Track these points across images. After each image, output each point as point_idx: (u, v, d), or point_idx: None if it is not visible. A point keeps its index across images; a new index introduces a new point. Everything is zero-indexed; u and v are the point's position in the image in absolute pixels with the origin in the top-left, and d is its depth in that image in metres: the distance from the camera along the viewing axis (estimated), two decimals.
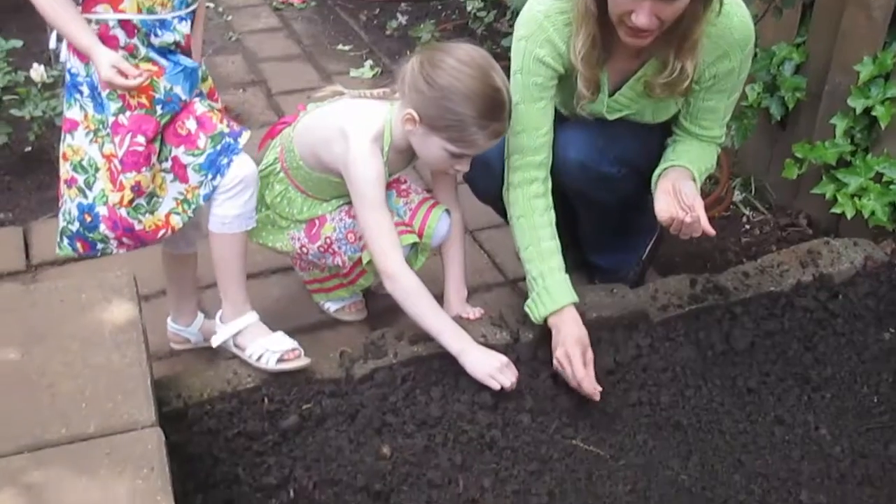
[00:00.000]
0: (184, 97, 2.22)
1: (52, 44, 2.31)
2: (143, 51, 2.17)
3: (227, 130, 2.28)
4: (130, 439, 1.75)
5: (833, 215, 3.08)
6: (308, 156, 2.49)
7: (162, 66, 2.19)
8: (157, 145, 2.22)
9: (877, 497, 2.15)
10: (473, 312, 2.54)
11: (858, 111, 2.94)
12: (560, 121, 2.48)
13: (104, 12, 2.11)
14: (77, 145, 2.25)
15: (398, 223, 2.54)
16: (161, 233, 2.30)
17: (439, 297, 2.58)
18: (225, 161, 2.26)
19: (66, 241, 2.33)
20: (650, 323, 2.56)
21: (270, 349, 2.33)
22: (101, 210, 2.26)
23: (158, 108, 2.19)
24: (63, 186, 2.30)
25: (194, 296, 2.67)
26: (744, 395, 2.41)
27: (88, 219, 2.27)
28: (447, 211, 2.61)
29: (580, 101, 2.43)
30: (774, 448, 2.27)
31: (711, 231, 2.28)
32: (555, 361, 2.32)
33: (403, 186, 2.67)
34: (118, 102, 2.17)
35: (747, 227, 3.37)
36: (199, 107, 2.27)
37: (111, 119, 2.18)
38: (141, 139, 2.17)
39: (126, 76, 2.10)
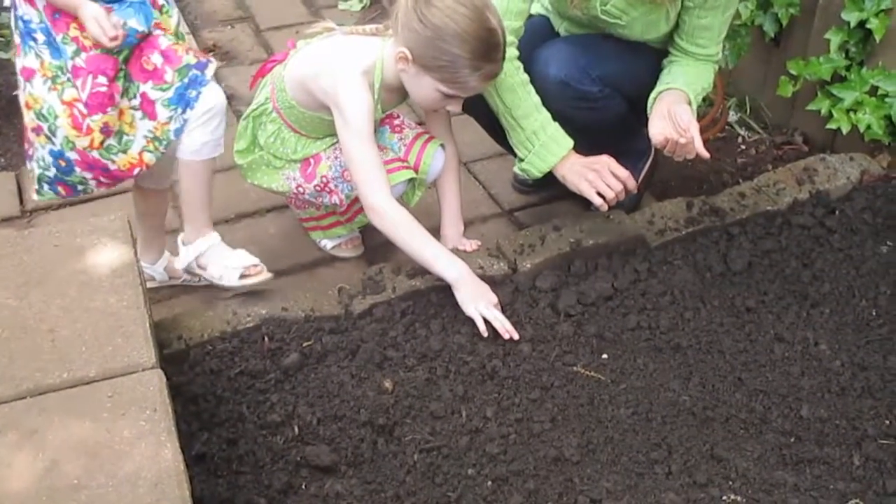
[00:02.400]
0: (140, 29, 2.19)
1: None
2: None
3: (193, 62, 2.27)
4: (132, 382, 1.76)
5: (829, 131, 3.06)
6: (299, 93, 2.46)
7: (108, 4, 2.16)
8: (120, 83, 2.21)
9: (877, 408, 2.17)
10: (470, 244, 2.54)
11: (853, 24, 2.90)
12: (544, 37, 2.47)
13: None
14: (37, 94, 2.23)
15: (393, 159, 2.53)
16: (136, 171, 2.32)
17: (435, 231, 2.58)
18: (193, 94, 2.25)
19: (45, 186, 2.34)
20: (648, 247, 2.56)
21: (231, 266, 2.35)
22: (72, 155, 2.27)
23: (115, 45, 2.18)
24: (31, 134, 2.29)
25: (162, 233, 2.66)
26: (743, 314, 2.41)
27: (63, 164, 2.28)
28: (442, 145, 2.59)
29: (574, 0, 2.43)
30: (774, 365, 2.28)
31: (706, 153, 2.28)
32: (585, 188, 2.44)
33: (397, 122, 2.65)
34: (73, 45, 2.15)
35: (743, 147, 3.35)
36: (164, 40, 2.25)
37: (69, 63, 2.17)
38: (102, 79, 2.17)
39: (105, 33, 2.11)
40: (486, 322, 2.28)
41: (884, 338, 2.35)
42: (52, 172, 2.30)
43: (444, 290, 2.37)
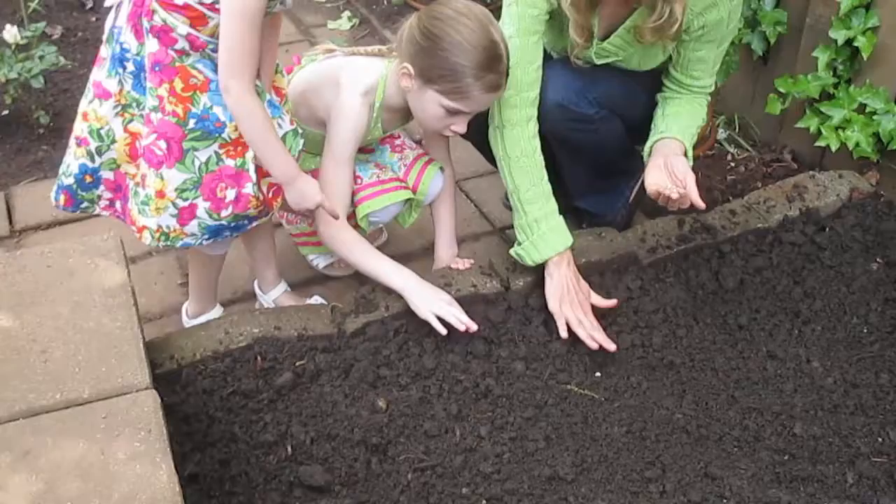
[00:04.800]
0: (223, 119, 2.14)
1: (110, 1, 2.23)
2: (192, 57, 2.10)
3: (254, 213, 2.27)
4: (126, 402, 1.75)
5: (817, 149, 3.08)
6: (300, 108, 2.47)
7: (207, 78, 2.11)
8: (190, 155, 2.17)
9: (870, 426, 2.18)
10: (463, 263, 2.53)
11: (840, 42, 2.92)
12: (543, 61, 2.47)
13: (181, 24, 2.05)
14: (102, 114, 2.19)
15: (392, 178, 2.53)
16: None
17: (429, 251, 2.59)
18: (227, 234, 2.30)
19: (54, 190, 2.31)
20: (640, 265, 2.57)
21: None
22: (107, 174, 2.25)
23: (191, 121, 2.12)
24: (72, 140, 2.25)
25: (214, 291, 2.65)
26: (735, 332, 2.42)
27: (89, 180, 2.25)
28: (441, 168, 2.59)
29: (574, 50, 2.43)
30: (767, 382, 2.28)
31: (701, 204, 2.27)
32: (557, 309, 2.34)
33: (398, 142, 2.65)
34: (156, 101, 2.11)
35: (732, 164, 3.37)
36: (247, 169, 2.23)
37: (145, 112, 2.14)
38: (162, 144, 2.12)
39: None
40: (445, 322, 2.27)
41: (875, 355, 2.36)
42: (68, 181, 2.26)
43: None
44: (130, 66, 2.14)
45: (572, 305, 2.33)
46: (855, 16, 2.88)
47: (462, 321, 2.26)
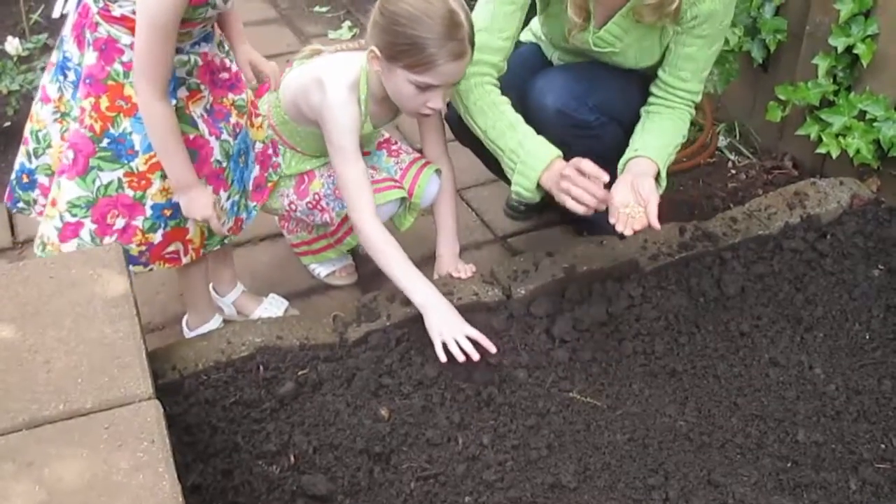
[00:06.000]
0: (137, 148, 2.16)
1: (57, 13, 2.27)
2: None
3: (134, 252, 2.28)
4: (129, 413, 1.74)
5: (818, 156, 3.08)
6: (291, 109, 2.49)
7: (133, 105, 2.12)
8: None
9: (873, 432, 2.17)
10: (465, 270, 2.53)
11: (840, 50, 2.93)
12: (537, 65, 2.48)
13: (123, 34, 2.08)
14: (42, 117, 2.25)
15: (386, 178, 2.54)
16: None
17: (430, 259, 2.58)
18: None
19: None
20: (641, 273, 2.57)
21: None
22: (42, 179, 2.30)
23: (105, 140, 2.14)
24: (23, 140, 2.34)
25: (208, 300, 2.66)
26: (737, 339, 2.42)
27: (25, 180, 2.32)
28: (438, 171, 2.60)
29: (572, 31, 2.44)
30: (769, 389, 2.28)
31: (657, 225, 2.28)
32: (564, 200, 2.31)
33: (394, 147, 2.66)
34: (78, 111, 2.15)
35: (733, 171, 3.37)
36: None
37: (76, 123, 2.17)
38: (70, 154, 2.15)
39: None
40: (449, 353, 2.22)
41: (878, 361, 2.36)
42: (11, 177, 2.35)
43: None
44: (71, 76, 2.18)
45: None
46: (854, 23, 2.88)
47: (466, 352, 2.20)
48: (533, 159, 2.36)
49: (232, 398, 2.18)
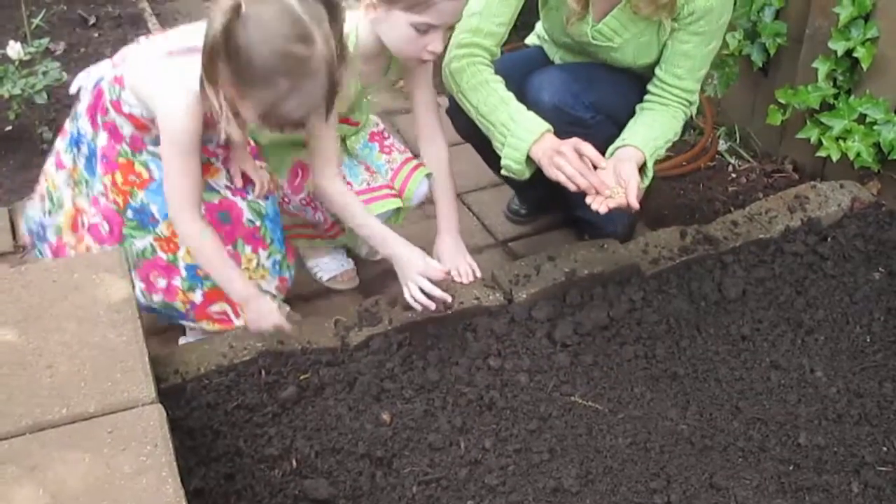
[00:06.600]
0: (157, 216, 2.26)
1: (73, 89, 2.35)
2: (145, 154, 2.24)
3: (181, 309, 2.38)
4: (132, 417, 1.75)
5: (818, 159, 3.08)
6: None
7: (151, 177, 2.25)
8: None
9: (874, 435, 2.17)
10: (466, 274, 2.51)
11: (840, 53, 2.93)
12: (539, 65, 2.48)
13: (127, 125, 2.21)
14: (56, 181, 2.37)
15: (381, 185, 2.54)
16: None
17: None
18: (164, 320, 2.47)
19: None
20: (642, 276, 2.57)
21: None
22: (51, 237, 2.41)
23: (129, 212, 2.26)
24: (38, 188, 2.46)
25: None
26: (738, 342, 2.42)
27: (40, 231, 2.44)
28: (429, 175, 2.60)
29: (570, 19, 2.45)
30: (771, 393, 2.28)
31: (635, 204, 2.30)
32: (552, 172, 2.33)
33: (387, 143, 2.66)
34: (101, 187, 2.25)
35: (734, 175, 3.38)
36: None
37: (92, 193, 2.28)
38: (105, 225, 2.28)
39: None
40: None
41: (879, 364, 2.36)
42: (33, 226, 2.47)
43: (440, 321, 2.38)
44: (84, 150, 2.30)
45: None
46: (854, 27, 2.89)
47: (436, 297, 2.27)
48: (523, 131, 2.37)
49: (234, 402, 2.18)
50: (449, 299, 2.35)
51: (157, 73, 2.09)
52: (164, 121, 2.08)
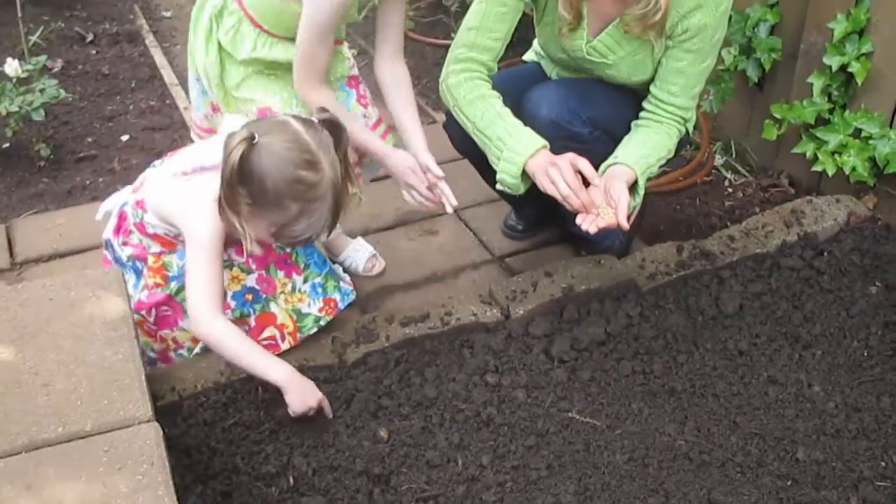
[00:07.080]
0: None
1: (99, 216, 2.48)
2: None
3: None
4: (128, 435, 1.75)
5: (814, 174, 3.09)
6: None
7: (164, 247, 2.34)
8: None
9: (872, 450, 2.17)
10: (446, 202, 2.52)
11: (835, 68, 2.94)
12: (536, 81, 2.49)
13: (154, 244, 2.36)
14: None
15: (377, 122, 2.66)
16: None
17: (429, 280, 2.58)
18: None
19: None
20: (639, 292, 2.57)
21: None
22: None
23: (172, 283, 2.34)
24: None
25: None
26: (735, 357, 2.42)
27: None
28: (397, 144, 2.63)
29: (562, 30, 2.46)
30: (769, 408, 2.28)
31: (625, 223, 2.30)
32: (546, 185, 2.32)
33: (362, 93, 2.69)
34: (142, 286, 2.35)
35: (730, 190, 3.38)
36: None
37: (137, 295, 2.36)
38: (164, 308, 2.37)
39: None
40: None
41: (876, 378, 2.36)
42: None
43: (437, 338, 2.38)
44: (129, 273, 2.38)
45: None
46: (849, 42, 2.90)
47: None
48: (520, 146, 2.37)
49: (231, 420, 2.18)
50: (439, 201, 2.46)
51: (176, 191, 2.25)
52: (188, 226, 2.21)
